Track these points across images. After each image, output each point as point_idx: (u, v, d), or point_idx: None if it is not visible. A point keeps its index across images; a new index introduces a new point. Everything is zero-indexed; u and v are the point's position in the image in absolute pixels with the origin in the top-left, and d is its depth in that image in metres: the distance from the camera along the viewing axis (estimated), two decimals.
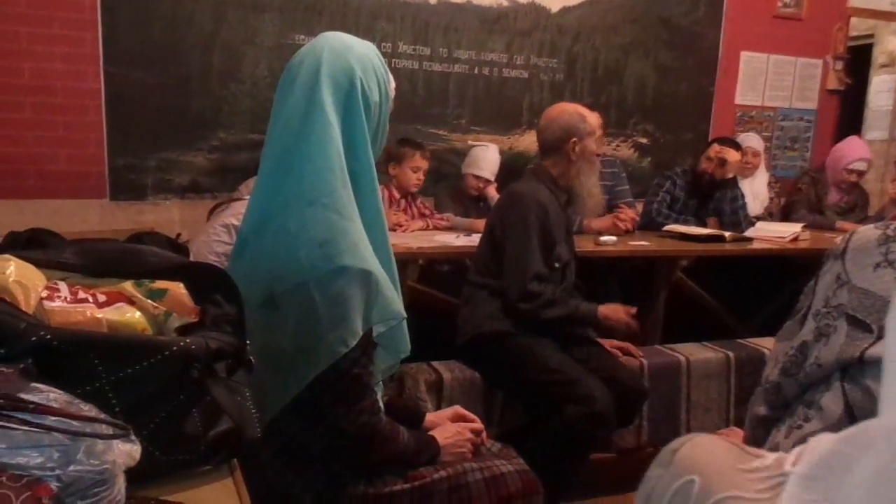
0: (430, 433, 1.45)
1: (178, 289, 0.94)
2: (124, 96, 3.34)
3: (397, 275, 1.33)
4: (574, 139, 2.36)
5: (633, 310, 2.43)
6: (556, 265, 2.34)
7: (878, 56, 5.63)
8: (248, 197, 2.64)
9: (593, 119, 2.43)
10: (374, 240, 1.24)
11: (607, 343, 2.55)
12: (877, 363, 1.13)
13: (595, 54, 4.30)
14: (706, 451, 0.70)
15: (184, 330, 0.91)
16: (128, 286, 0.92)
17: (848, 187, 4.24)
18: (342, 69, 1.23)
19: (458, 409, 1.62)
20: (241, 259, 1.27)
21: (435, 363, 2.46)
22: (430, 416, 1.60)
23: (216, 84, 3.50)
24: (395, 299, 1.26)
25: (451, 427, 1.50)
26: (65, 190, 3.30)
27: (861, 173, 4.22)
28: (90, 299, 0.88)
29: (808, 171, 4.53)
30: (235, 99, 3.54)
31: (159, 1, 3.36)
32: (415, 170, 3.41)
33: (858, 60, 5.36)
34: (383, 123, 1.31)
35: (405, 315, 1.30)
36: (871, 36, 5.62)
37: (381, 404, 1.32)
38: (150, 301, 0.92)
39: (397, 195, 3.46)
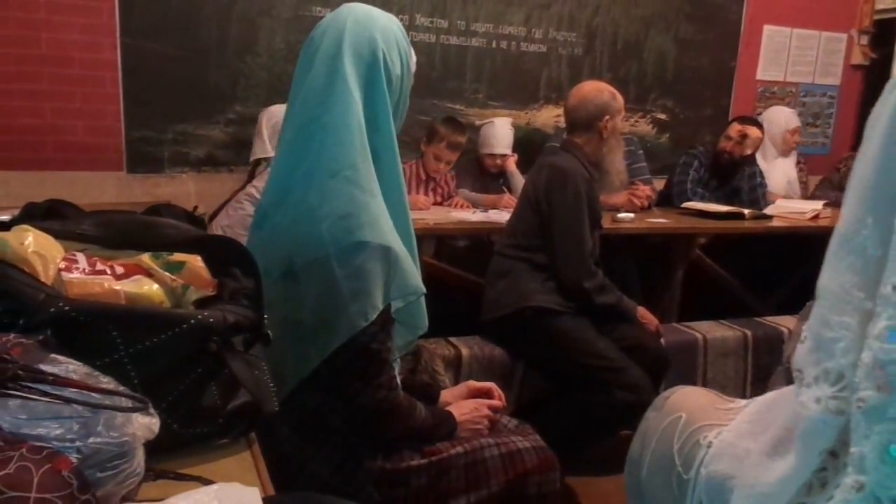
0: (448, 409, 1.45)
1: (195, 262, 0.94)
2: (141, 68, 3.32)
3: (417, 251, 1.32)
4: (607, 117, 2.40)
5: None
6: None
7: None
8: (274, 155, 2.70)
9: (620, 97, 2.47)
10: (395, 215, 1.23)
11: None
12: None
13: (615, 28, 4.22)
14: (692, 397, 0.89)
15: (201, 303, 0.90)
16: (146, 258, 0.92)
17: None
18: (365, 40, 1.21)
19: (470, 384, 1.62)
20: (261, 231, 1.26)
21: (453, 339, 2.46)
22: (446, 393, 1.60)
23: (233, 56, 3.48)
24: (414, 275, 1.25)
25: (468, 403, 1.50)
26: (82, 162, 3.30)
27: None
28: (108, 271, 0.88)
29: (850, 156, 4.42)
30: (252, 72, 3.52)
31: None
32: (437, 157, 3.35)
33: (884, 34, 5.23)
34: (404, 97, 1.29)
35: (425, 291, 1.29)
36: None
37: (399, 380, 1.32)
38: (167, 274, 0.91)
39: (423, 175, 3.42)
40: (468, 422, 1.45)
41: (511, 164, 3.61)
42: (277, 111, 2.82)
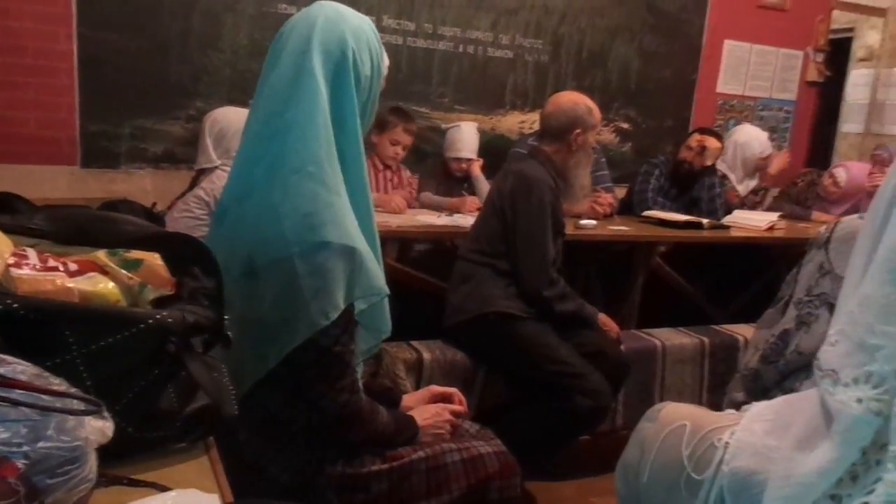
0: (410, 413, 1.44)
1: (154, 260, 0.90)
2: (98, 60, 3.23)
3: (381, 252, 1.30)
4: (578, 130, 2.39)
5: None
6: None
7: (857, 50, 5.66)
8: (220, 164, 2.63)
9: (597, 112, 2.47)
10: (359, 215, 1.21)
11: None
12: None
13: (580, 36, 4.26)
14: (686, 408, 0.95)
15: (159, 303, 0.87)
16: (101, 255, 0.88)
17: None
18: (335, 38, 1.19)
19: (433, 388, 1.61)
20: (221, 227, 1.23)
21: (415, 342, 2.44)
22: (408, 398, 1.59)
23: (195, 51, 3.41)
24: (378, 276, 1.23)
25: (430, 408, 1.48)
26: (33, 155, 3.19)
27: None
28: (61, 268, 0.84)
29: (810, 171, 4.52)
30: (215, 67, 3.45)
31: None
32: (394, 142, 3.35)
33: (838, 53, 5.40)
34: (373, 99, 1.28)
35: (388, 291, 1.28)
36: (851, 30, 5.65)
37: (361, 384, 1.30)
38: (124, 271, 0.88)
39: (380, 166, 3.42)
40: (430, 426, 1.44)
41: (476, 169, 3.61)
42: (220, 117, 2.73)
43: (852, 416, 0.57)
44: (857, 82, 5.60)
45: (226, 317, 0.92)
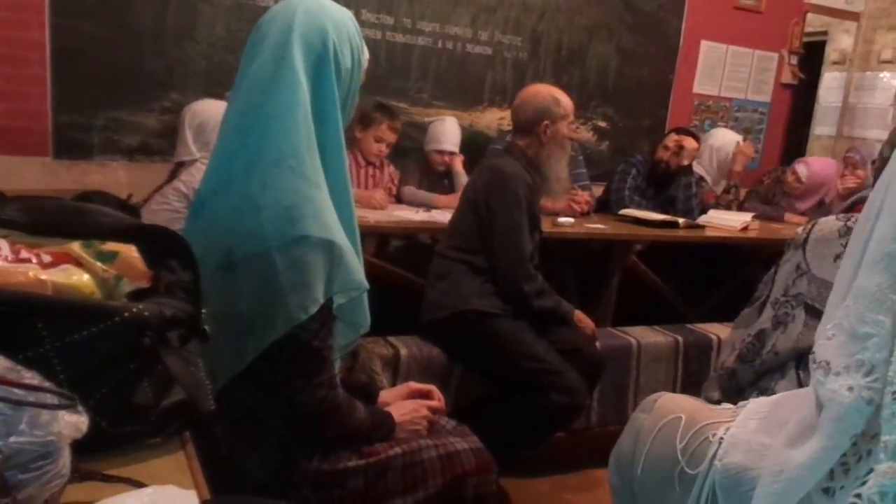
0: (387, 409, 1.43)
1: (130, 252, 0.89)
2: (72, 50, 3.16)
3: (360, 247, 1.29)
4: (546, 122, 2.38)
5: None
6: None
7: (831, 53, 5.76)
8: (199, 157, 2.60)
9: (567, 103, 2.44)
10: (340, 209, 1.20)
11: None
12: None
13: (559, 34, 4.27)
14: (682, 400, 0.94)
15: (135, 296, 0.86)
16: (75, 247, 0.86)
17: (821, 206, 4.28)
18: (316, 30, 1.18)
19: (412, 385, 1.61)
20: (198, 219, 1.21)
21: (391, 338, 2.44)
22: (385, 394, 1.58)
23: (170, 42, 3.35)
24: (358, 270, 1.23)
25: (407, 404, 1.48)
26: (4, 146, 3.12)
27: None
28: (34, 259, 0.82)
29: (776, 169, 4.60)
30: (190, 59, 3.40)
31: None
32: (378, 139, 3.34)
33: (812, 56, 5.48)
34: (353, 92, 1.27)
35: (367, 286, 1.27)
36: (825, 33, 5.74)
37: (339, 379, 1.29)
38: (99, 264, 0.86)
39: (362, 162, 3.40)
40: (407, 423, 1.43)
41: (458, 164, 3.61)
42: (200, 110, 2.70)
43: (843, 405, 0.58)
44: (831, 85, 5.69)
45: (203, 310, 0.90)
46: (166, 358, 0.83)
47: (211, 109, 2.66)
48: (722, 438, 0.79)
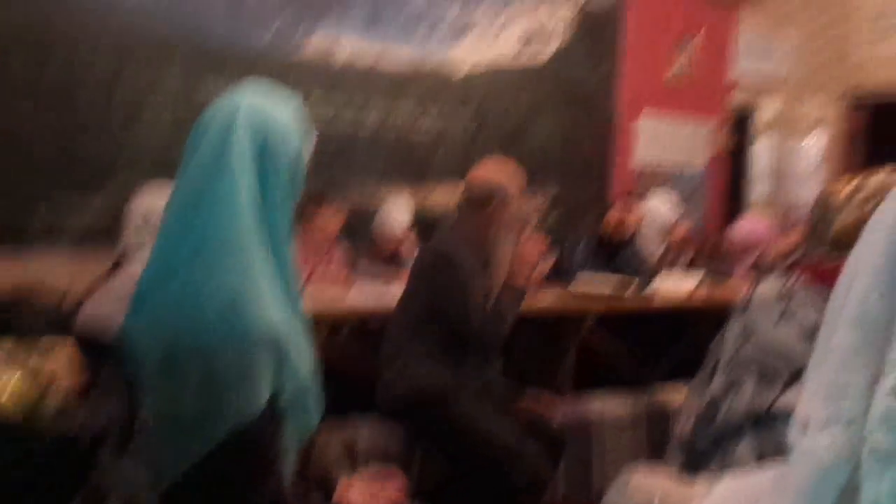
0: (346, 497, 1.37)
1: (65, 348, 0.85)
2: (8, 133, 3.10)
3: (309, 335, 1.26)
4: (496, 200, 2.36)
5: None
6: None
7: (759, 121, 6.07)
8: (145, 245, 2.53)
9: (518, 181, 2.43)
10: (287, 298, 1.17)
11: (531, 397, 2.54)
12: (785, 416, 1.17)
13: (504, 112, 4.42)
14: (654, 480, 0.95)
15: (68, 399, 0.81)
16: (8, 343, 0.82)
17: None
18: (259, 118, 1.18)
19: (372, 473, 1.55)
20: (139, 313, 1.16)
21: (349, 421, 2.38)
22: (343, 484, 1.52)
23: (116, 128, 3.33)
24: (304, 365, 1.19)
25: (366, 491, 1.42)
26: None
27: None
28: None
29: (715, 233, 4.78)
30: (136, 144, 3.38)
31: (56, 42, 3.19)
32: (323, 228, 3.37)
33: (744, 123, 5.77)
34: (299, 177, 1.26)
35: (313, 385, 1.23)
36: (754, 102, 6.06)
37: (289, 478, 1.23)
38: (33, 361, 0.82)
39: (311, 246, 3.39)
40: None
41: (407, 247, 3.63)
42: (147, 200, 2.67)
43: (823, 466, 0.57)
44: (761, 152, 5.97)
45: (142, 411, 0.86)
46: (99, 474, 0.78)
47: (157, 200, 2.62)
48: None
